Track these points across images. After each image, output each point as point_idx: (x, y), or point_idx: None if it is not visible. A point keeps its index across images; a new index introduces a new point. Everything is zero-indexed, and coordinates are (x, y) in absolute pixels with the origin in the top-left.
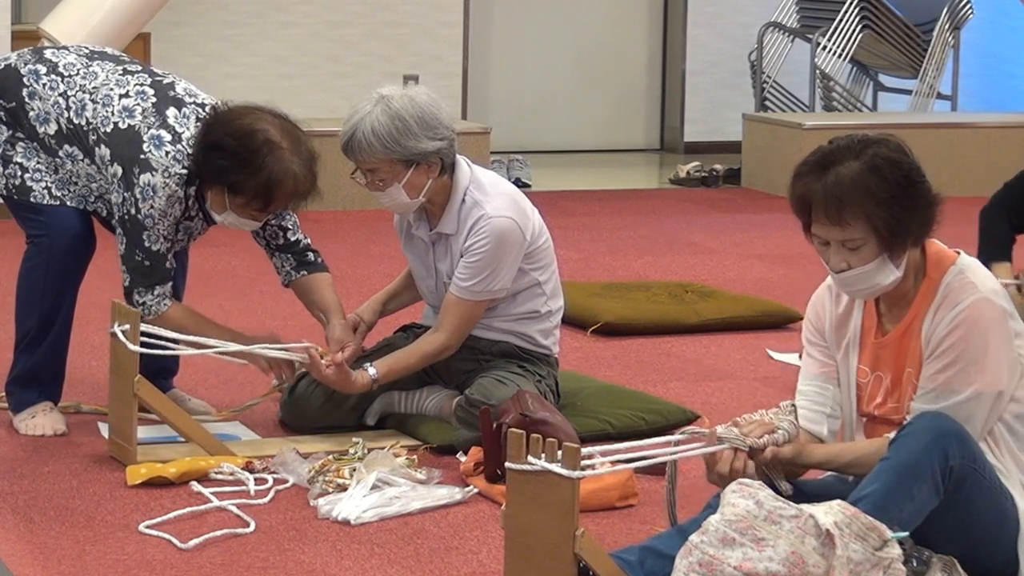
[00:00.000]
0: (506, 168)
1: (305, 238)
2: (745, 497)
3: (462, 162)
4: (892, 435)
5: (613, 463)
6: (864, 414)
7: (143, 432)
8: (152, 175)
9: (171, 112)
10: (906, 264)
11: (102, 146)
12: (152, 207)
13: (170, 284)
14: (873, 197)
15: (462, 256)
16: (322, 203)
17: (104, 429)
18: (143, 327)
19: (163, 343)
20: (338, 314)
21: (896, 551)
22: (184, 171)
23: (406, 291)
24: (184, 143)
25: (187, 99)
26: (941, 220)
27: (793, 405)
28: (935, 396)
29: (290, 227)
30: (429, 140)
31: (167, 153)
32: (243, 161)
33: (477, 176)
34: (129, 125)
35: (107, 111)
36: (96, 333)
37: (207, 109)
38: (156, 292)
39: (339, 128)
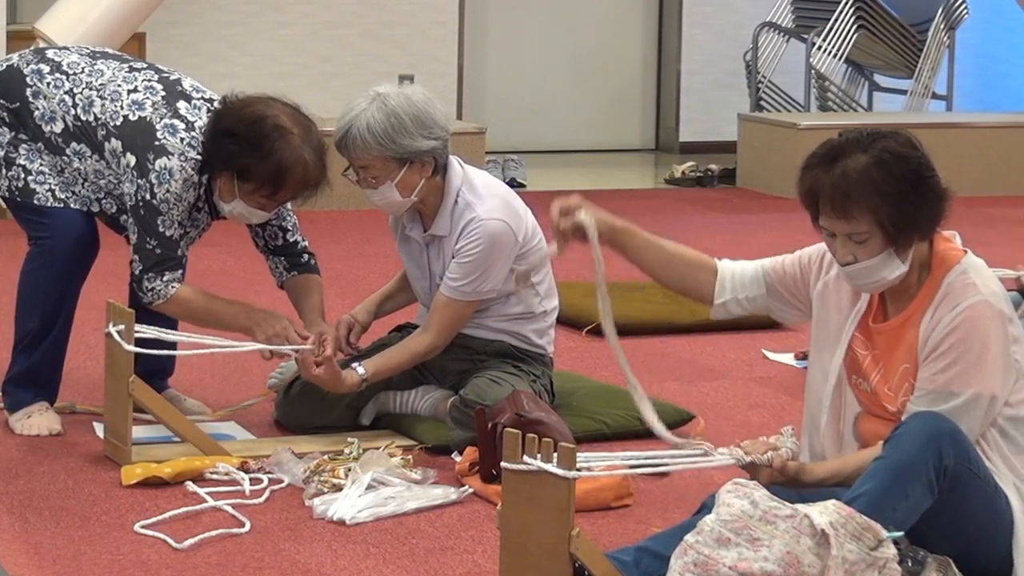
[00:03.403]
0: (501, 168)
1: (303, 240)
2: (740, 497)
3: (454, 163)
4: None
5: (609, 467)
6: (860, 376)
7: (138, 432)
8: (168, 159)
9: (182, 104)
10: (912, 258)
11: (112, 139)
12: (168, 191)
13: (180, 271)
14: (879, 191)
15: (454, 257)
16: (317, 203)
17: (99, 429)
18: (138, 327)
19: (159, 342)
20: (315, 312)
21: (891, 551)
22: (198, 157)
23: (401, 292)
24: (197, 131)
25: (195, 94)
26: (950, 215)
27: (793, 429)
28: (934, 398)
29: (290, 228)
30: (424, 139)
31: (182, 140)
32: (253, 145)
33: (469, 177)
34: (140, 117)
35: (116, 106)
36: (92, 333)
37: (216, 103)
38: (166, 278)
39: (334, 128)
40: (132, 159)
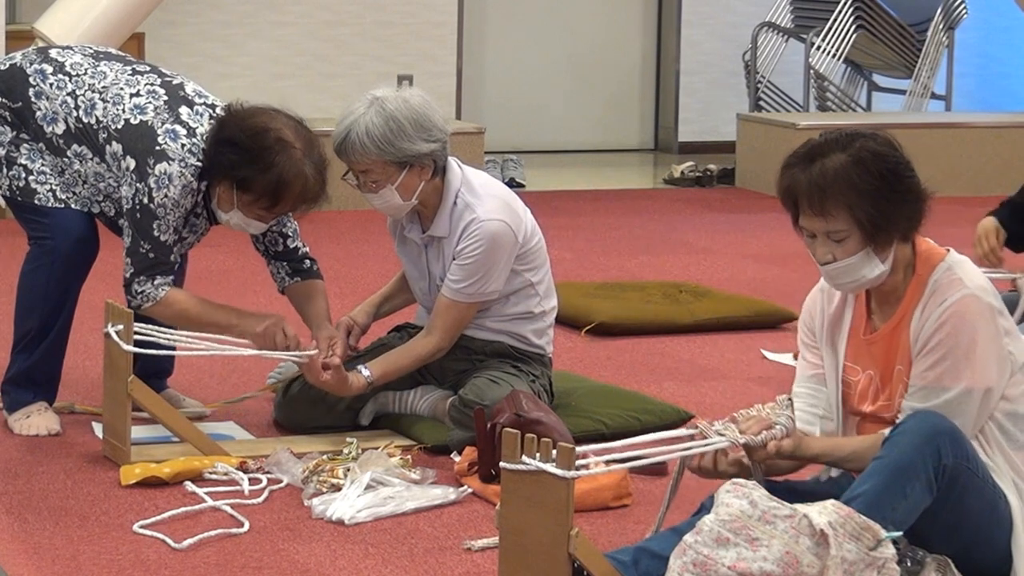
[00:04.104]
0: (500, 168)
1: (304, 246)
2: (739, 497)
3: (453, 164)
4: (887, 432)
5: (607, 463)
6: (855, 412)
7: (137, 432)
8: (169, 164)
9: (184, 110)
10: (896, 260)
11: (113, 143)
12: (166, 196)
13: (171, 277)
14: (856, 188)
15: (454, 259)
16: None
17: (98, 429)
18: (137, 327)
19: (158, 342)
20: (322, 318)
21: (890, 551)
22: (199, 164)
23: (400, 294)
24: (198, 138)
25: (197, 99)
26: (930, 215)
27: (790, 399)
28: (926, 394)
29: (290, 234)
30: (423, 142)
31: (183, 146)
32: (254, 157)
33: (468, 178)
34: (141, 121)
35: (117, 109)
36: (90, 333)
37: (218, 109)
38: (156, 281)
39: (332, 128)
40: (132, 162)
